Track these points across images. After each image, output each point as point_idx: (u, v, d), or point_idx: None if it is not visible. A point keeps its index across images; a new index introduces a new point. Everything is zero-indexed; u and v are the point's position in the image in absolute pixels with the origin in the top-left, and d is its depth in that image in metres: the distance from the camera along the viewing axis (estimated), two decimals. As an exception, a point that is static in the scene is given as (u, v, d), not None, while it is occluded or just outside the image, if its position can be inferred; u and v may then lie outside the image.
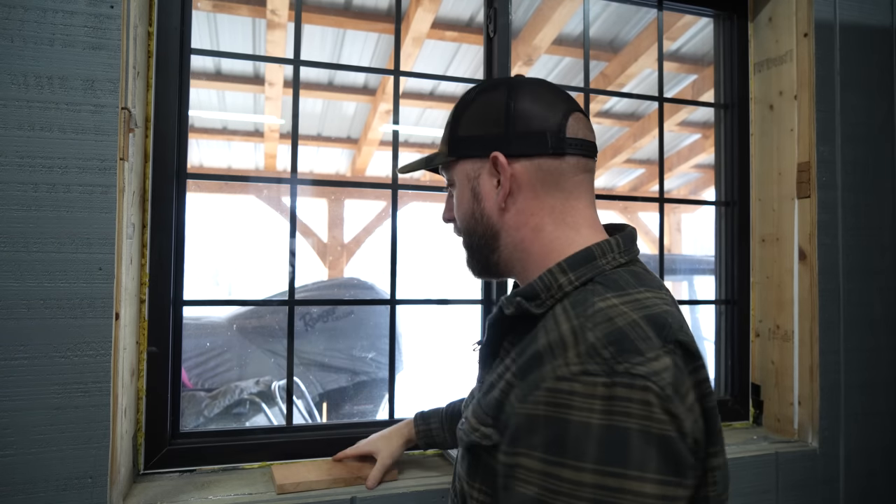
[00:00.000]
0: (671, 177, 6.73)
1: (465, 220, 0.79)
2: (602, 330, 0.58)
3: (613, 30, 3.69)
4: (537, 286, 0.67)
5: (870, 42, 1.56)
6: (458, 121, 0.78)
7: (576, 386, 0.56)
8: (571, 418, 0.55)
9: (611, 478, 0.53)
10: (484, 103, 0.76)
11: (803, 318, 1.51)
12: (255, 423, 3.25)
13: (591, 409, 0.55)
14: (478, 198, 0.76)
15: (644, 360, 0.56)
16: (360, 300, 3.18)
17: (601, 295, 0.63)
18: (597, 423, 0.54)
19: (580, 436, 0.54)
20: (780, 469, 1.44)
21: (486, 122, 0.75)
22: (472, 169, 0.77)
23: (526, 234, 0.74)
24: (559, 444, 0.55)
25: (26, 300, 0.95)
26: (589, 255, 0.68)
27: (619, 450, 0.53)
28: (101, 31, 1.00)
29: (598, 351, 0.57)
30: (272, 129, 5.02)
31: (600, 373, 0.55)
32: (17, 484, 0.94)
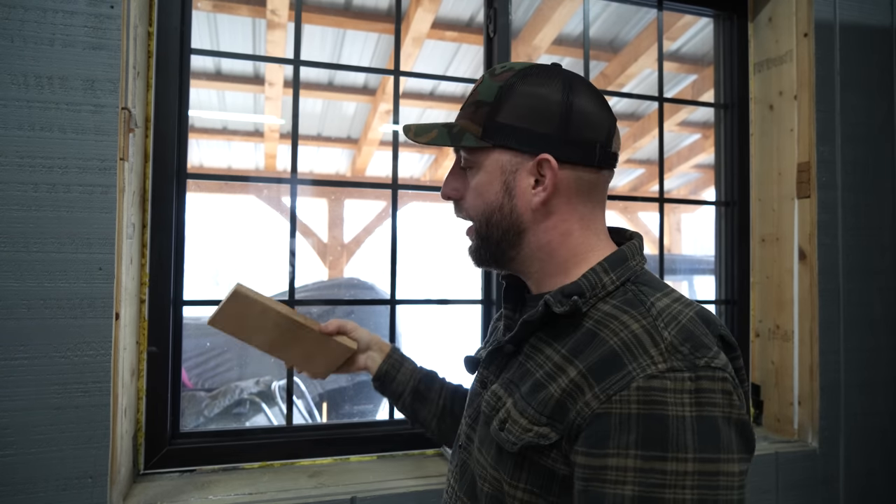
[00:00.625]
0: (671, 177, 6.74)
1: (488, 211, 0.74)
2: (674, 328, 0.62)
3: (613, 30, 3.69)
4: (583, 285, 0.69)
5: (870, 42, 1.56)
6: (499, 105, 0.72)
7: (667, 383, 0.58)
8: (668, 413, 0.57)
9: (709, 463, 0.56)
10: (535, 95, 0.71)
11: (803, 318, 1.51)
12: (255, 423, 3.25)
13: (682, 402, 0.57)
14: (510, 193, 0.73)
15: (714, 354, 0.61)
16: (360, 300, 3.19)
17: (654, 295, 0.67)
18: (690, 416, 0.57)
19: (679, 429, 0.56)
20: (780, 469, 1.44)
21: (538, 117, 0.71)
22: (509, 162, 0.72)
23: (554, 237, 0.73)
24: (659, 439, 0.56)
25: (26, 300, 0.96)
26: (622, 257, 0.72)
27: (712, 436, 0.57)
28: (101, 31, 1.00)
29: (678, 348, 0.60)
30: (272, 129, 5.02)
31: (684, 368, 0.59)
32: (17, 484, 0.94)
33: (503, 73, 0.74)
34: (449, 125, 0.76)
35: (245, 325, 0.92)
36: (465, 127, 0.75)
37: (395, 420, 1.37)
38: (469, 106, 0.76)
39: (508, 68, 0.74)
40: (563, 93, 0.71)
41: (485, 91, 0.74)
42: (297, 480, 1.18)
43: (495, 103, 0.72)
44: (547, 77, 0.73)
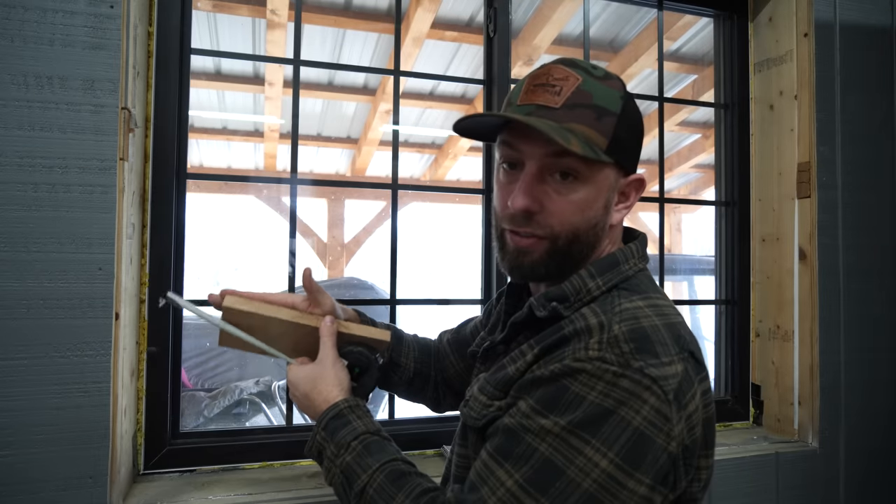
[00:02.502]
0: (671, 177, 6.73)
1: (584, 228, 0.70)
2: (628, 325, 0.63)
3: (613, 30, 3.69)
4: (568, 290, 0.70)
5: (870, 42, 1.56)
6: (623, 118, 0.69)
7: (587, 366, 0.60)
8: (571, 388, 0.60)
9: (577, 439, 0.58)
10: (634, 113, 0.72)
11: (803, 318, 1.51)
12: (255, 423, 3.24)
13: (592, 386, 0.59)
14: (608, 210, 0.72)
15: (658, 364, 0.60)
16: (360, 300, 3.19)
17: (627, 298, 0.68)
18: (590, 398, 0.59)
19: (572, 401, 0.59)
20: (780, 469, 1.43)
21: (638, 136, 0.73)
22: (614, 179, 0.71)
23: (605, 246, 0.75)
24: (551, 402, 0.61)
25: (26, 300, 0.95)
26: (614, 261, 0.72)
27: (596, 422, 0.58)
28: (101, 31, 1.00)
29: (619, 343, 0.61)
30: (272, 129, 5.02)
31: (615, 363, 0.60)
32: (17, 484, 0.94)
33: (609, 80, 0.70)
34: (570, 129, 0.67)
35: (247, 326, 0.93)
36: (586, 136, 0.67)
37: (396, 420, 1.37)
38: (581, 108, 0.67)
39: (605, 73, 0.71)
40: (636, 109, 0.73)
41: (602, 95, 0.68)
42: (297, 480, 1.18)
43: (622, 115, 0.69)
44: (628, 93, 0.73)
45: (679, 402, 0.60)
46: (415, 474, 0.73)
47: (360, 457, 0.75)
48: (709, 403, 0.66)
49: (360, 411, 0.82)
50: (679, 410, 0.60)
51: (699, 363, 0.66)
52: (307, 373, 0.88)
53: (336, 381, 0.86)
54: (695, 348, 0.66)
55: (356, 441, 0.76)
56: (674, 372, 0.61)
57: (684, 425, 0.61)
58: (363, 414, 0.82)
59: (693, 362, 0.64)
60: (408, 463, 0.75)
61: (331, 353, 0.89)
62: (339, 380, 0.86)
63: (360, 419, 0.80)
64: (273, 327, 0.93)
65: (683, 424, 0.61)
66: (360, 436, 0.77)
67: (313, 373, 0.87)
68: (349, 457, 0.75)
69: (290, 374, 0.90)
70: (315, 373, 0.87)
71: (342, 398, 0.83)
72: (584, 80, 0.68)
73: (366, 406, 0.85)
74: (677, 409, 0.60)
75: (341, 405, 0.82)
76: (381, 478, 0.71)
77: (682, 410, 0.60)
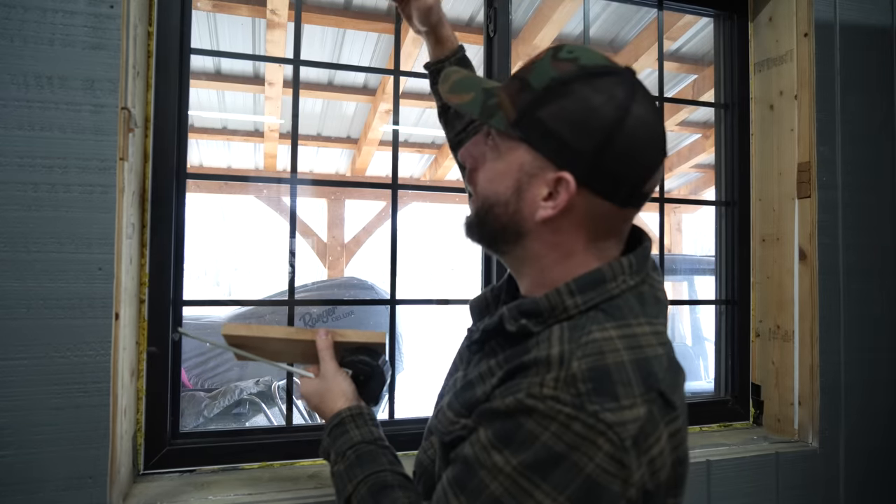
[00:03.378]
0: (671, 177, 6.73)
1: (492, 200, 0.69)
2: (588, 362, 0.59)
3: (613, 30, 3.69)
4: (542, 305, 0.65)
5: (870, 42, 1.56)
6: (545, 99, 0.63)
7: (539, 405, 0.58)
8: (526, 425, 0.58)
9: (527, 481, 0.57)
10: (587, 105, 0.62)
11: (803, 318, 1.51)
12: (255, 423, 3.24)
13: (545, 427, 0.57)
14: (520, 194, 0.66)
15: (616, 407, 0.57)
16: (360, 300, 3.19)
17: (600, 324, 0.62)
18: (544, 439, 0.57)
19: (525, 440, 0.58)
20: (780, 469, 1.43)
21: (578, 130, 0.62)
22: (530, 163, 0.65)
23: (554, 254, 0.68)
24: (506, 438, 0.59)
25: (26, 300, 0.95)
26: (599, 278, 0.65)
27: (548, 466, 0.56)
28: (100, 31, 1.00)
29: (577, 383, 0.58)
30: (272, 129, 5.02)
31: (569, 403, 0.57)
32: (17, 484, 0.94)
33: (566, 63, 0.64)
34: (489, 91, 0.69)
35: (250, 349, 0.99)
36: (501, 104, 0.67)
37: (395, 420, 1.37)
38: (517, 80, 0.67)
39: (574, 58, 0.65)
40: (617, 112, 0.62)
41: (538, 74, 0.65)
42: (297, 480, 1.18)
43: (542, 95, 0.64)
44: (609, 86, 0.63)
45: (639, 448, 0.57)
46: (397, 487, 0.73)
47: (350, 467, 0.77)
48: (679, 444, 0.63)
49: (361, 420, 0.84)
50: (639, 456, 0.57)
51: (668, 404, 0.61)
52: (314, 388, 0.90)
53: (340, 392, 0.88)
54: (667, 387, 0.61)
55: (350, 450, 0.79)
56: (634, 416, 0.57)
57: (646, 469, 0.58)
58: (363, 423, 0.83)
59: (661, 403, 0.60)
60: (397, 474, 0.76)
61: (331, 366, 0.91)
62: (342, 391, 0.88)
63: (358, 428, 0.82)
64: (273, 346, 0.97)
65: (645, 469, 0.58)
66: (355, 445, 0.80)
67: (319, 388, 0.90)
68: (342, 466, 0.78)
69: (301, 389, 0.93)
70: (320, 387, 0.90)
71: (346, 406, 0.86)
72: (543, 58, 0.66)
73: (370, 413, 0.86)
74: (637, 455, 0.57)
75: (343, 414, 0.84)
76: (364, 490, 0.74)
77: (642, 456, 0.57)
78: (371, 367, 0.94)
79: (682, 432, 0.64)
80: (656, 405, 0.60)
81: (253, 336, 0.96)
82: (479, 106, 0.68)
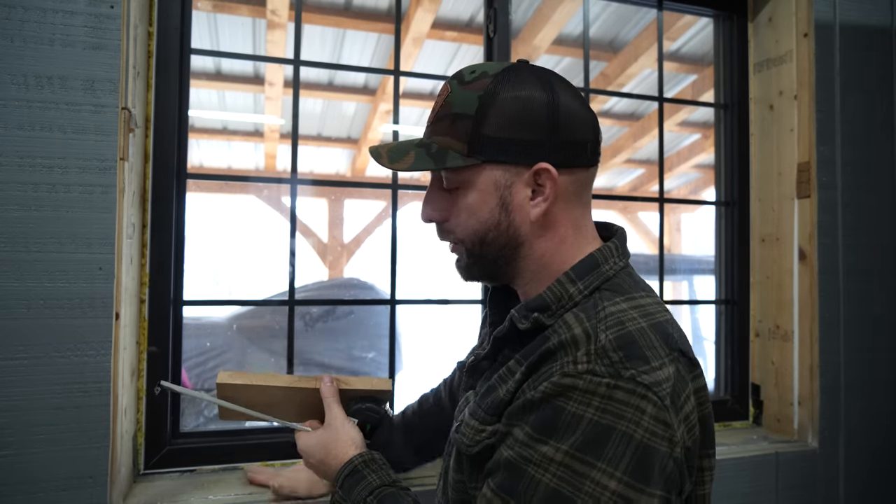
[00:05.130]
0: (671, 177, 6.73)
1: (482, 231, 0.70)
2: (614, 333, 0.61)
3: (613, 30, 3.69)
4: (548, 298, 0.67)
5: (870, 42, 1.56)
6: (482, 116, 0.66)
7: (579, 382, 0.58)
8: (566, 407, 0.58)
9: (581, 464, 0.56)
10: (519, 99, 0.66)
11: (803, 318, 1.51)
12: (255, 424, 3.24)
13: (588, 403, 0.57)
14: (507, 208, 0.68)
15: (649, 369, 0.58)
16: (360, 300, 3.19)
17: (610, 300, 0.65)
18: (588, 416, 0.57)
19: (570, 423, 0.57)
20: (780, 469, 1.43)
21: (526, 124, 0.66)
22: (502, 176, 0.67)
23: (550, 246, 0.70)
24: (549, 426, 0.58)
25: (26, 300, 0.95)
26: (593, 263, 0.69)
27: (599, 442, 0.56)
28: (101, 31, 1.00)
29: (608, 353, 0.59)
30: (272, 129, 5.02)
31: (605, 374, 0.58)
32: (17, 484, 0.94)
33: (477, 81, 0.68)
34: (424, 144, 0.70)
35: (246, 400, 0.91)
36: (444, 145, 0.69)
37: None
38: (443, 120, 0.69)
39: (480, 73, 0.69)
40: (546, 94, 0.66)
41: (460, 102, 0.68)
42: (297, 480, 1.17)
43: (478, 115, 0.66)
44: (524, 78, 0.68)
45: (676, 406, 0.59)
46: None
47: None
48: (704, 402, 0.65)
49: (375, 465, 0.80)
50: (677, 413, 0.59)
51: (691, 361, 0.64)
52: (318, 439, 0.86)
53: (350, 440, 0.84)
54: (685, 346, 0.65)
55: (371, 496, 0.75)
56: (667, 375, 0.59)
57: (684, 427, 0.59)
58: (378, 468, 0.80)
59: (685, 361, 0.63)
60: None
61: (339, 415, 0.88)
62: (351, 439, 0.85)
63: (374, 473, 0.79)
64: (271, 396, 0.92)
65: (683, 427, 0.59)
66: (375, 490, 0.76)
67: (324, 438, 0.86)
68: None
69: (300, 444, 0.88)
70: (326, 438, 0.86)
71: (356, 454, 0.82)
72: (452, 90, 0.70)
73: (382, 459, 0.83)
74: (675, 413, 0.58)
75: (356, 461, 0.81)
76: None
77: (679, 413, 0.59)
78: (379, 415, 0.91)
79: (705, 389, 0.66)
80: (681, 364, 0.62)
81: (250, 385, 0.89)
82: (427, 159, 0.69)
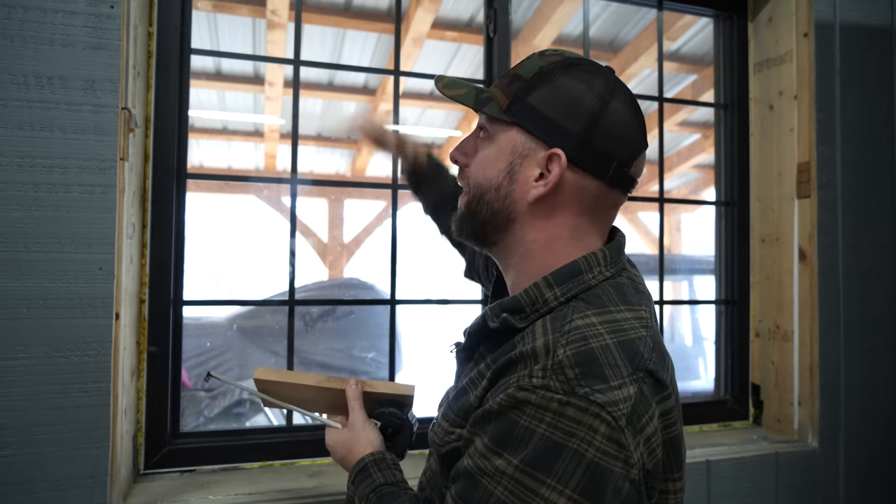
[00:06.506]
0: (671, 177, 6.73)
1: (485, 186, 0.71)
2: (573, 348, 0.60)
3: (613, 30, 3.69)
4: (523, 300, 0.67)
5: (870, 42, 1.56)
6: (534, 84, 0.69)
7: (532, 397, 0.58)
8: (520, 422, 0.58)
9: (531, 479, 0.56)
10: (573, 88, 0.68)
11: (803, 318, 1.51)
12: (255, 424, 3.25)
13: (540, 418, 0.57)
14: (512, 176, 0.69)
15: (606, 388, 0.57)
16: (360, 300, 3.19)
17: (581, 312, 0.64)
18: (540, 432, 0.57)
19: (523, 437, 0.57)
20: (780, 469, 1.43)
21: (566, 111, 0.67)
22: (522, 144, 0.69)
23: (540, 237, 0.70)
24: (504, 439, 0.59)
25: (26, 300, 0.96)
26: (575, 270, 0.68)
27: (549, 458, 0.56)
28: (101, 31, 1.00)
29: (564, 370, 0.58)
30: (272, 129, 5.02)
31: (559, 390, 0.57)
32: (17, 484, 0.94)
33: (551, 56, 0.71)
34: (479, 89, 0.73)
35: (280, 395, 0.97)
36: (493, 95, 0.71)
37: (395, 420, 1.37)
38: (505, 77, 0.73)
39: (559, 54, 0.72)
40: (601, 95, 0.67)
41: (527, 67, 0.71)
42: (297, 480, 1.18)
43: (531, 82, 0.69)
44: (592, 75, 0.69)
45: (633, 427, 0.57)
46: None
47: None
48: (671, 424, 0.64)
49: (384, 464, 0.83)
50: (636, 435, 0.58)
51: (659, 382, 0.62)
52: (341, 438, 0.90)
53: (368, 442, 0.87)
54: (656, 366, 0.62)
55: (373, 493, 0.78)
56: (625, 395, 0.58)
57: (643, 449, 0.59)
58: (386, 466, 0.83)
59: (651, 381, 0.61)
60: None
61: (360, 417, 0.91)
62: (370, 441, 0.87)
63: (380, 472, 0.81)
64: (303, 393, 0.96)
65: (643, 448, 0.58)
66: (378, 488, 0.79)
67: (346, 438, 0.89)
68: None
69: (328, 439, 0.92)
70: (348, 438, 0.89)
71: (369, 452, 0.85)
72: (530, 57, 0.72)
73: (393, 459, 0.85)
74: (633, 434, 0.57)
75: (366, 459, 0.84)
76: None
77: (638, 435, 0.58)
78: (400, 419, 0.94)
79: (674, 412, 0.64)
80: (646, 384, 0.61)
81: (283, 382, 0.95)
82: (472, 98, 0.72)
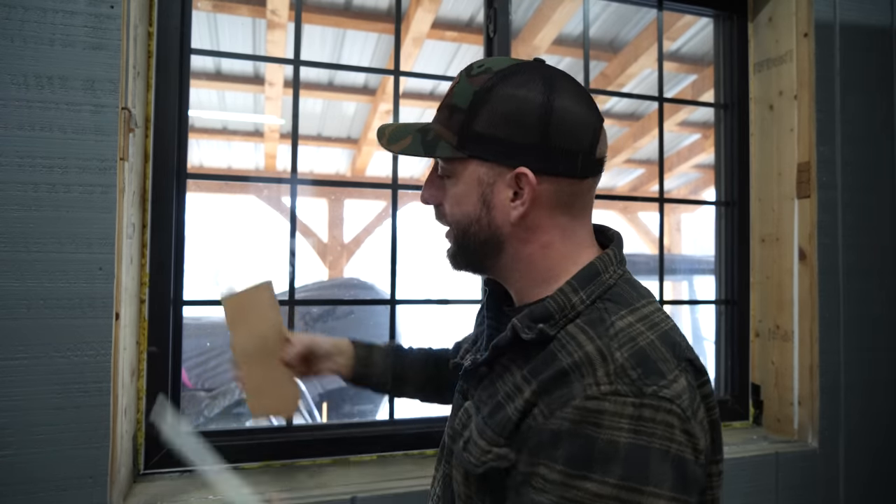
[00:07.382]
0: (671, 177, 6.73)
1: (465, 222, 0.72)
2: (628, 351, 0.60)
3: (613, 30, 3.69)
4: (551, 307, 0.66)
5: (870, 42, 1.56)
6: (475, 112, 0.67)
7: (605, 405, 0.57)
8: (600, 436, 0.56)
9: (632, 493, 0.55)
10: (514, 99, 0.66)
11: (803, 318, 1.51)
12: (255, 424, 3.24)
13: (619, 427, 0.56)
14: (488, 206, 0.69)
15: (668, 383, 0.59)
16: (360, 300, 3.19)
17: (616, 313, 0.64)
18: (623, 441, 0.56)
19: (608, 452, 0.56)
20: (780, 469, 1.43)
21: (515, 128, 0.66)
22: (486, 173, 0.68)
23: (534, 250, 0.71)
24: (585, 458, 0.56)
25: (26, 300, 0.96)
26: (594, 272, 0.68)
27: (641, 467, 0.55)
28: (101, 31, 1.00)
29: (627, 372, 0.58)
30: (272, 129, 5.02)
31: (629, 393, 0.57)
32: (17, 484, 0.94)
33: (480, 75, 0.69)
34: (424, 130, 0.73)
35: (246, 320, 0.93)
36: (439, 134, 0.71)
37: (395, 420, 1.37)
38: (444, 109, 0.72)
39: (486, 69, 0.69)
40: (543, 96, 0.66)
41: (460, 95, 0.69)
42: (297, 480, 1.18)
43: (470, 111, 0.68)
44: (526, 78, 0.67)
45: (695, 416, 0.59)
46: None
47: None
48: (711, 408, 0.65)
49: None
50: (697, 423, 0.60)
51: (698, 369, 0.64)
52: None
53: None
54: (691, 353, 0.65)
55: None
56: (682, 387, 0.59)
57: (702, 435, 0.60)
58: None
59: (692, 370, 0.63)
60: None
61: None
62: None
63: None
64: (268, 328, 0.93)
65: (702, 435, 0.60)
66: None
67: None
68: None
69: None
70: None
71: None
72: (460, 80, 0.71)
73: None
74: (695, 422, 0.59)
75: None
76: None
77: (697, 421, 0.60)
78: None
79: (712, 396, 0.65)
80: (689, 373, 0.62)
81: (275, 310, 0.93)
82: (419, 146, 0.72)
